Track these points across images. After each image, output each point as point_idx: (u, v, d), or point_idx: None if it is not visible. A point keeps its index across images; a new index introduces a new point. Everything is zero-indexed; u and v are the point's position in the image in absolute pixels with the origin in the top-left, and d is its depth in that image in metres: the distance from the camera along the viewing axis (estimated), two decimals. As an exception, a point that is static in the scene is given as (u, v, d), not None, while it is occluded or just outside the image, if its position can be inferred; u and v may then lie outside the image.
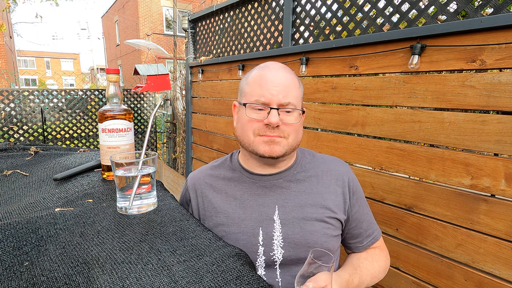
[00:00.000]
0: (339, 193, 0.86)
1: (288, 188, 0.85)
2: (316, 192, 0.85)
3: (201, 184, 0.92)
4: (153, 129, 5.97)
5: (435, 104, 1.22)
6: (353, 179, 0.90)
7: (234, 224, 0.83)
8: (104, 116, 0.82)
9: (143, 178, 0.69)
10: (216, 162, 0.97)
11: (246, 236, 0.81)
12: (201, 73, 2.78)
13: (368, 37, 1.41)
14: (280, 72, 0.81)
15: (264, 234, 0.80)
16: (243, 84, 0.86)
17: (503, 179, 1.06)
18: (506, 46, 1.03)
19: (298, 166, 0.89)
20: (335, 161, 0.93)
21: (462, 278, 1.18)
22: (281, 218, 0.81)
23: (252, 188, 0.86)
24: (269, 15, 2.04)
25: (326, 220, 0.82)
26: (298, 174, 0.87)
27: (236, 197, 0.86)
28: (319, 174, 0.88)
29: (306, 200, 0.83)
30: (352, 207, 0.87)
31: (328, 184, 0.86)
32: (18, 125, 4.57)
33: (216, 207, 0.86)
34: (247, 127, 0.81)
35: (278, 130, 0.79)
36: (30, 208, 0.73)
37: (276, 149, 0.79)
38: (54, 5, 8.49)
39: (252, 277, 0.49)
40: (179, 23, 4.56)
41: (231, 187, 0.88)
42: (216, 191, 0.89)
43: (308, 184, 0.86)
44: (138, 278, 0.47)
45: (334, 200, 0.85)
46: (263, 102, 0.78)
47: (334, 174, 0.88)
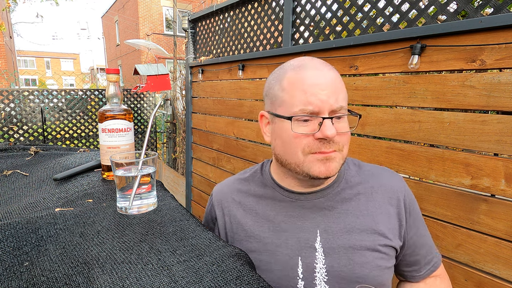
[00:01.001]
0: (393, 214, 0.70)
1: (331, 209, 0.70)
2: (366, 214, 0.69)
3: (228, 200, 0.78)
4: (153, 129, 5.97)
5: (435, 104, 1.22)
6: (409, 196, 0.74)
7: (267, 251, 0.69)
8: (104, 116, 0.82)
9: (143, 178, 0.69)
10: (245, 174, 0.82)
11: (281, 267, 0.67)
12: (201, 73, 2.78)
13: (368, 37, 1.41)
14: (324, 71, 0.65)
15: (304, 266, 0.67)
16: (276, 90, 0.68)
17: (503, 179, 1.06)
18: (506, 46, 1.03)
19: (343, 181, 0.73)
20: (386, 173, 0.76)
21: (462, 278, 1.18)
22: (324, 246, 0.67)
23: (288, 209, 0.71)
24: (269, 15, 2.04)
25: (379, 249, 0.67)
26: (344, 191, 0.72)
27: (268, 219, 0.72)
28: (368, 190, 0.72)
29: (354, 224, 0.68)
30: (408, 231, 0.72)
31: (380, 204, 0.70)
32: (18, 125, 4.57)
33: (246, 230, 0.73)
34: (293, 144, 0.65)
35: (334, 143, 0.63)
36: (30, 208, 0.73)
37: (332, 167, 0.64)
38: (54, 5, 8.50)
39: (252, 277, 0.49)
40: (179, 23, 4.56)
41: (262, 205, 0.74)
42: (245, 210, 0.75)
43: (356, 203, 0.70)
44: (138, 278, 0.47)
45: (387, 223, 0.69)
46: (311, 111, 0.62)
47: (387, 190, 0.72)
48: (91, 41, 26.12)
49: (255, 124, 2.18)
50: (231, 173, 2.42)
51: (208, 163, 2.76)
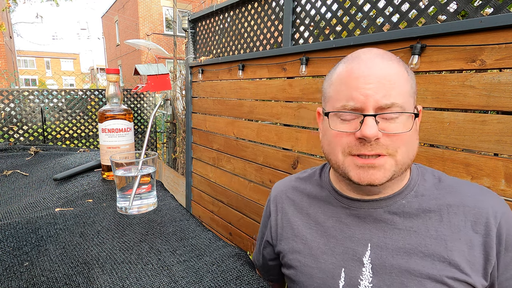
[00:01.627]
0: (476, 243, 0.56)
1: (390, 222, 0.60)
2: (436, 237, 0.57)
3: (282, 197, 0.76)
4: (153, 129, 5.97)
5: (435, 104, 1.22)
6: (510, 224, 0.57)
7: (311, 255, 0.65)
8: (104, 116, 0.82)
9: (143, 178, 0.69)
10: (304, 173, 0.78)
11: (323, 275, 0.62)
12: (201, 73, 2.78)
13: (368, 37, 1.41)
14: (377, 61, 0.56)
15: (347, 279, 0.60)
16: (326, 85, 0.63)
17: (503, 179, 1.06)
18: (506, 46, 1.03)
19: (411, 193, 0.62)
20: (475, 190, 0.61)
21: (462, 278, 1.18)
22: (373, 262, 0.59)
23: (340, 215, 0.65)
24: (269, 15, 2.04)
25: (447, 282, 0.54)
26: (410, 204, 0.61)
27: (318, 222, 0.67)
28: (444, 208, 0.59)
29: (417, 246, 0.57)
30: (501, 269, 0.57)
31: (458, 227, 0.57)
32: (18, 125, 4.58)
33: (294, 229, 0.70)
34: (334, 143, 0.59)
35: (378, 146, 0.55)
36: (30, 208, 0.73)
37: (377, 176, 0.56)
38: (54, 5, 8.50)
39: (252, 277, 0.49)
40: (179, 23, 4.56)
41: (314, 207, 0.69)
42: (297, 209, 0.72)
43: (423, 222, 0.59)
44: (138, 278, 0.47)
45: (465, 253, 0.56)
46: (353, 107, 0.56)
47: (472, 211, 0.58)
48: (91, 41, 26.16)
49: (255, 124, 2.18)
50: (231, 173, 2.42)
51: (208, 163, 2.76)
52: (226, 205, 2.52)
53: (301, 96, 1.80)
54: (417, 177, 0.64)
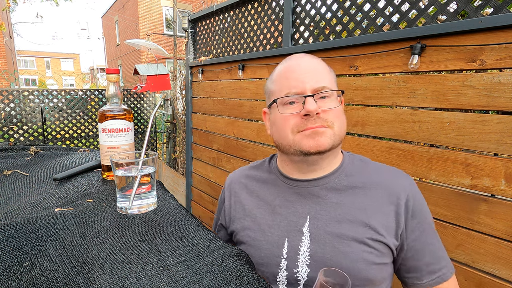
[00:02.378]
0: (390, 212, 0.70)
1: (324, 198, 0.73)
2: (359, 207, 0.70)
3: (236, 183, 0.87)
4: (153, 129, 5.97)
5: (435, 104, 1.22)
6: (415, 198, 0.72)
7: (260, 230, 0.75)
8: (104, 116, 0.82)
9: (143, 178, 0.69)
10: (256, 163, 0.91)
11: (269, 246, 0.72)
12: (201, 73, 2.78)
13: (368, 37, 1.41)
14: (305, 59, 0.73)
15: (289, 247, 0.71)
16: (269, 84, 0.78)
17: (503, 179, 1.06)
18: (506, 46, 1.03)
19: (342, 173, 0.75)
20: (393, 172, 0.76)
21: (462, 278, 1.18)
22: (311, 231, 0.70)
23: (285, 194, 0.77)
24: (269, 15, 2.04)
25: (368, 242, 0.67)
26: (341, 182, 0.74)
27: (267, 202, 0.78)
28: (367, 185, 0.73)
29: (344, 215, 0.70)
30: (408, 233, 0.71)
31: (376, 199, 0.71)
32: (18, 125, 4.58)
33: (245, 209, 0.80)
34: (283, 126, 0.71)
35: (319, 119, 0.68)
36: (30, 208, 0.73)
37: (323, 141, 0.68)
38: (54, 5, 8.49)
39: (252, 277, 0.49)
40: (179, 23, 4.56)
41: (264, 189, 0.81)
42: (248, 192, 0.83)
43: (351, 196, 0.72)
44: (138, 278, 0.47)
45: (382, 219, 0.69)
46: (295, 92, 0.69)
47: (387, 187, 0.72)
48: (91, 41, 26.17)
49: (255, 124, 2.18)
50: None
51: (208, 163, 2.76)
52: (226, 205, 2.52)
53: (301, 96, 1.80)
54: (348, 161, 0.78)
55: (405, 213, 0.70)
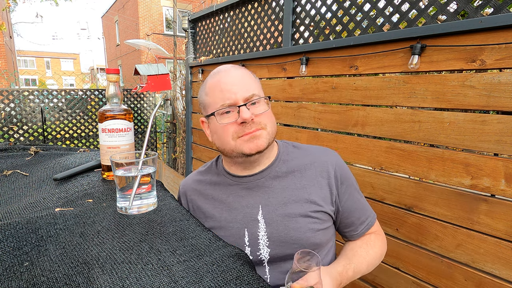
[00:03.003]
0: (324, 184, 0.84)
1: (270, 186, 0.84)
2: (300, 187, 0.83)
3: (190, 190, 0.94)
4: (153, 129, 5.97)
5: (435, 104, 1.22)
6: (341, 168, 0.87)
7: (222, 227, 0.83)
8: (104, 116, 0.82)
9: (143, 178, 0.69)
10: (204, 167, 0.99)
11: (233, 238, 0.81)
12: (201, 73, 2.78)
13: (368, 37, 1.41)
14: (232, 71, 0.82)
15: (249, 235, 0.81)
16: (203, 96, 0.86)
17: (503, 179, 1.06)
18: (506, 46, 1.03)
19: (280, 161, 0.87)
20: (320, 151, 0.90)
21: (462, 278, 1.18)
22: (265, 217, 0.81)
23: (237, 191, 0.86)
24: (269, 15, 2.04)
25: (311, 214, 0.80)
26: (280, 169, 0.86)
27: (222, 201, 0.87)
28: (302, 167, 0.86)
29: (289, 197, 0.82)
30: (340, 197, 0.85)
31: (312, 177, 0.84)
32: (18, 125, 4.57)
33: (204, 212, 0.88)
34: (224, 134, 0.81)
35: (254, 124, 0.79)
36: (30, 208, 0.73)
37: (261, 143, 0.79)
38: (54, 5, 8.49)
39: (252, 277, 0.49)
40: (179, 23, 4.56)
41: (217, 191, 0.89)
42: (203, 196, 0.90)
43: (291, 179, 0.84)
44: (138, 278, 0.47)
45: (319, 193, 0.83)
46: (229, 103, 0.78)
47: (319, 165, 0.86)
48: (91, 41, 26.17)
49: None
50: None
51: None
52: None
53: (301, 96, 1.80)
54: (283, 149, 0.90)
55: (336, 182, 0.84)
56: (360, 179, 1.50)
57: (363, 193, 0.93)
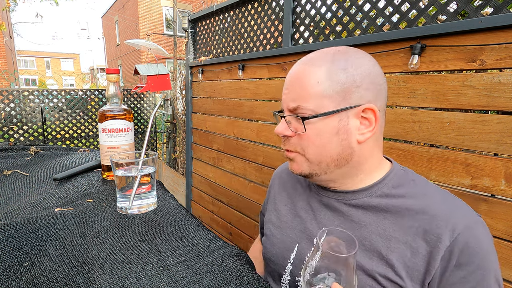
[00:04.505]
0: (422, 251, 0.55)
1: (347, 213, 0.65)
2: (383, 235, 0.59)
3: (278, 177, 0.87)
4: (153, 129, 5.97)
5: (435, 104, 1.22)
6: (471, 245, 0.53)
7: (279, 228, 0.75)
8: (104, 116, 0.82)
9: (143, 178, 0.69)
10: None
11: (282, 245, 0.71)
12: (201, 73, 2.78)
13: (368, 37, 1.41)
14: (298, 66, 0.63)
15: (297, 253, 0.68)
16: None
17: (503, 179, 1.06)
18: (506, 46, 1.03)
19: (377, 191, 0.64)
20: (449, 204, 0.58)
21: (462, 278, 1.18)
22: None
23: (311, 199, 0.73)
24: (269, 15, 2.04)
25: (378, 278, 0.57)
26: (370, 201, 0.63)
27: (293, 202, 0.76)
28: (401, 212, 0.59)
29: (362, 239, 0.61)
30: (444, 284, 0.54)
31: (407, 232, 0.57)
32: (18, 125, 4.57)
33: (275, 203, 0.81)
34: None
35: (288, 143, 0.65)
36: (30, 208, 0.73)
37: (293, 167, 0.66)
38: (54, 4, 8.49)
39: (252, 277, 0.49)
40: (179, 23, 4.56)
41: (296, 189, 0.78)
42: (284, 188, 0.81)
43: (377, 219, 0.61)
44: (138, 278, 0.47)
45: (406, 258, 0.56)
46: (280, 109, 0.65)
47: (430, 220, 0.56)
48: (91, 41, 26.11)
49: (255, 124, 2.18)
50: (231, 173, 2.42)
51: (208, 163, 2.76)
52: (226, 205, 2.52)
53: (301, 96, 1.80)
54: (391, 178, 0.65)
55: (445, 259, 0.53)
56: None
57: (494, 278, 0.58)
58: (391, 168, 0.67)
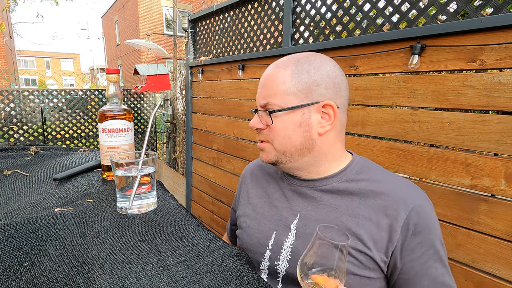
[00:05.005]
0: (384, 225, 0.65)
1: (319, 199, 0.72)
2: (352, 214, 0.68)
3: (249, 172, 0.93)
4: (153, 129, 5.97)
5: (435, 104, 1.22)
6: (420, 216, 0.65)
7: (256, 219, 0.80)
8: (104, 116, 0.82)
9: (143, 178, 0.69)
10: None
11: (260, 235, 0.77)
12: (201, 73, 2.78)
13: (368, 37, 1.41)
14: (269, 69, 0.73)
15: (275, 240, 0.74)
16: None
17: (503, 179, 1.06)
18: (506, 46, 1.03)
19: (343, 178, 0.73)
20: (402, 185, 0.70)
21: (462, 278, 1.18)
22: (298, 229, 0.72)
23: (284, 190, 0.79)
24: (269, 15, 2.04)
25: (350, 251, 0.65)
26: (338, 186, 0.72)
27: (268, 194, 0.82)
28: (366, 193, 0.69)
29: (333, 219, 0.68)
30: (405, 252, 0.64)
31: (371, 210, 0.67)
32: (18, 125, 4.57)
33: (249, 197, 0.86)
34: None
35: (261, 134, 0.75)
36: (30, 208, 0.73)
37: (263, 156, 0.75)
38: (54, 4, 8.49)
39: (252, 277, 0.49)
40: (179, 23, 4.56)
41: (268, 182, 0.85)
42: (256, 183, 0.88)
43: (345, 201, 0.70)
44: (138, 278, 0.47)
45: (372, 232, 0.65)
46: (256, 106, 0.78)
47: (389, 199, 0.66)
48: (91, 41, 26.14)
49: (255, 124, 2.18)
50: (231, 173, 2.42)
51: (208, 163, 2.76)
52: (226, 205, 2.52)
53: (301, 96, 1.80)
54: (354, 166, 0.75)
55: (403, 230, 0.64)
56: (360, 179, 1.50)
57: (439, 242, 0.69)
58: (353, 159, 0.77)
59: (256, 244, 0.76)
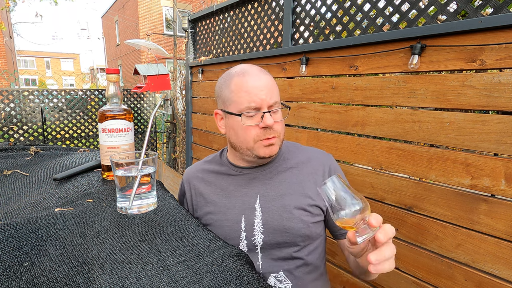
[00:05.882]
0: (319, 181, 0.91)
1: (270, 179, 0.91)
2: (297, 182, 0.90)
3: (194, 177, 1.01)
4: (153, 129, 5.97)
5: (435, 104, 1.22)
6: (335, 168, 0.95)
7: (220, 212, 0.90)
8: (104, 116, 0.82)
9: (143, 178, 0.69)
10: (209, 157, 1.06)
11: (230, 223, 0.88)
12: (201, 73, 2.78)
13: (368, 37, 1.41)
14: (261, 76, 0.86)
15: (246, 221, 0.87)
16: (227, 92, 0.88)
17: (503, 179, 1.06)
18: (506, 46, 1.03)
19: (281, 159, 0.95)
20: (317, 152, 0.99)
21: (462, 278, 1.18)
22: (262, 206, 0.88)
23: (237, 180, 0.93)
24: (269, 15, 2.04)
25: (305, 207, 0.87)
26: (280, 166, 0.94)
27: (223, 189, 0.93)
28: (300, 164, 0.94)
29: (286, 190, 0.89)
30: None
31: (308, 173, 0.92)
32: (18, 125, 4.57)
33: (206, 198, 0.94)
34: (246, 134, 0.86)
35: (273, 130, 0.85)
36: (30, 208, 0.73)
37: (274, 149, 0.87)
38: (54, 4, 8.48)
39: (252, 277, 0.49)
40: (179, 23, 4.56)
41: (219, 179, 0.96)
42: (206, 183, 0.97)
43: (289, 174, 0.92)
44: (138, 278, 0.47)
45: (313, 188, 0.89)
46: (254, 107, 0.83)
47: (315, 163, 0.94)
48: (91, 41, 26.15)
49: (255, 124, 2.18)
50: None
51: (208, 163, 2.76)
52: (226, 205, 2.52)
53: (301, 96, 1.80)
54: (285, 149, 0.98)
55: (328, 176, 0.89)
56: (360, 179, 1.50)
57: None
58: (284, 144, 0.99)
59: (230, 231, 0.88)
